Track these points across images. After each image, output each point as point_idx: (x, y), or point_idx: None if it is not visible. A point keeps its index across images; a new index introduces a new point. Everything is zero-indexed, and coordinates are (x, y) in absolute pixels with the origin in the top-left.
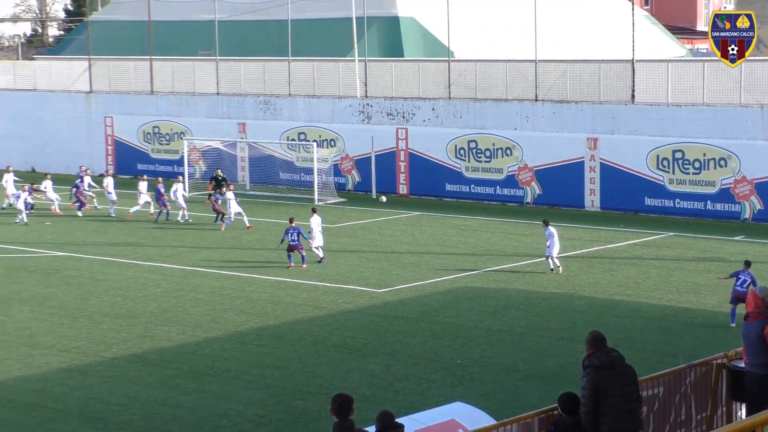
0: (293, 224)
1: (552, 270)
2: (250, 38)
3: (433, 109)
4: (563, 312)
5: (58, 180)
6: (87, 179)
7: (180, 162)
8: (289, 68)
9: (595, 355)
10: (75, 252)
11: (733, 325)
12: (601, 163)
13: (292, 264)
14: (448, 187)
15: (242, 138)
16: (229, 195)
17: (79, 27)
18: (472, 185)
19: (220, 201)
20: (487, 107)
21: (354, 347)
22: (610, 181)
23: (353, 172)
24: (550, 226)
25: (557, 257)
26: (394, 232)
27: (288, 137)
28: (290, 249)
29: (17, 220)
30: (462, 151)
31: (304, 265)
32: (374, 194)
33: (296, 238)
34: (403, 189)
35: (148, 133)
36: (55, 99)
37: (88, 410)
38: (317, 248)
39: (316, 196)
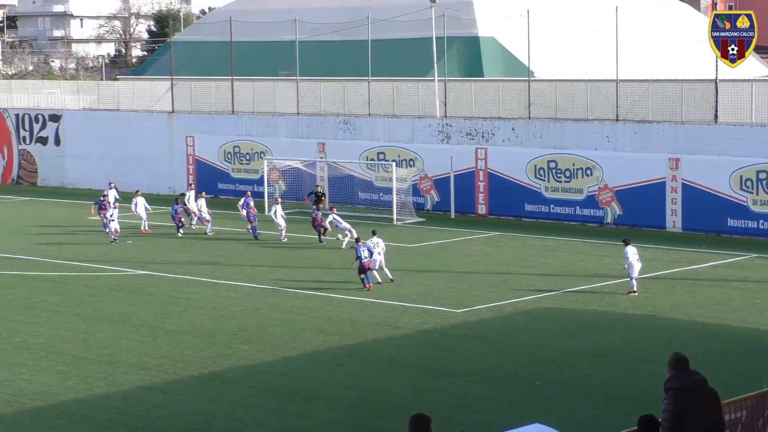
0: (360, 242)
1: (631, 292)
2: (331, 59)
3: (513, 128)
4: (643, 333)
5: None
6: (201, 201)
7: (260, 181)
8: (369, 88)
9: (677, 377)
10: (156, 271)
11: None
12: (682, 183)
13: (369, 285)
14: (528, 207)
15: (322, 158)
16: (333, 216)
17: (162, 48)
18: (552, 205)
19: (320, 216)
20: (568, 127)
21: (432, 367)
22: (692, 202)
23: (432, 191)
24: (626, 246)
25: (635, 278)
26: (473, 252)
27: (367, 157)
28: (362, 270)
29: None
30: (542, 171)
31: (369, 285)
32: (453, 214)
33: (369, 256)
34: (481, 209)
35: (229, 152)
36: (137, 119)
37: (168, 428)
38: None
39: (394, 216)
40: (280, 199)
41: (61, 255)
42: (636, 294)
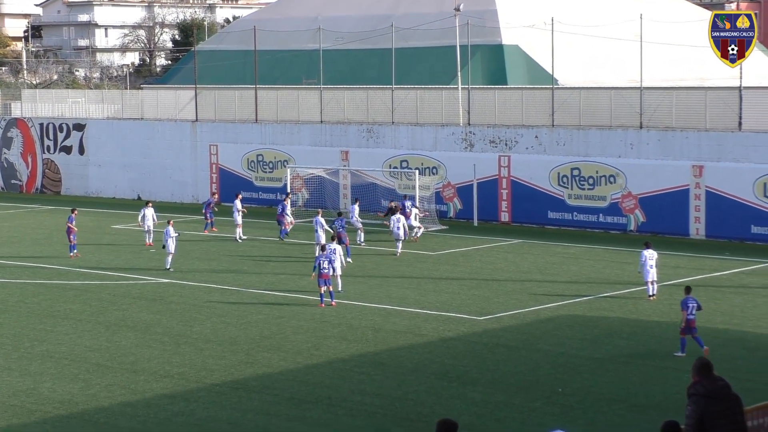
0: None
1: (650, 296)
2: (354, 67)
3: (536, 136)
4: (666, 341)
5: (163, 208)
6: (237, 202)
7: (283, 190)
8: (393, 96)
9: (701, 383)
10: (178, 279)
11: (683, 354)
12: (706, 190)
13: (333, 303)
14: (551, 214)
15: (345, 166)
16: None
17: (185, 57)
18: (575, 213)
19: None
20: (591, 135)
21: (455, 375)
22: (716, 209)
23: (455, 199)
24: (645, 249)
25: (651, 283)
26: (496, 260)
27: (390, 165)
28: (323, 283)
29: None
30: (565, 179)
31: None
32: (476, 222)
33: (328, 266)
34: (504, 216)
35: (252, 161)
36: (161, 128)
37: None
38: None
39: (417, 224)
40: (320, 210)
41: (84, 264)
42: (653, 299)
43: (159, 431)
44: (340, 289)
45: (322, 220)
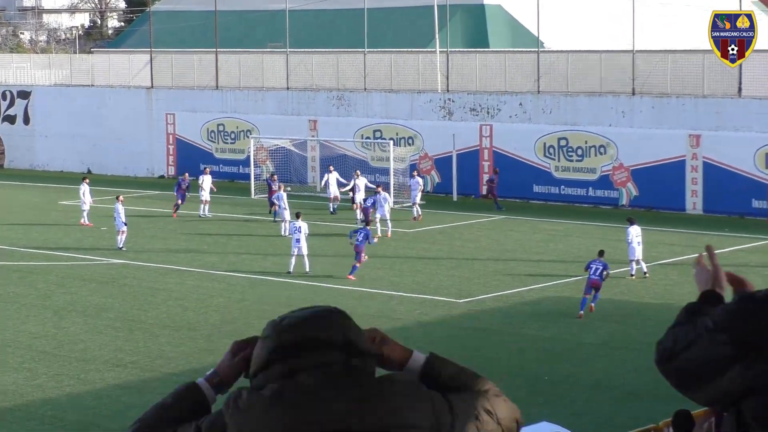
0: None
1: (633, 276)
2: (323, 29)
3: (521, 104)
4: (662, 324)
5: (115, 182)
6: (206, 178)
7: (246, 162)
8: (365, 61)
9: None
10: (133, 260)
11: (581, 312)
12: (703, 162)
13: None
14: (536, 188)
15: (313, 136)
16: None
17: (140, 18)
18: (562, 186)
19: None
20: (580, 102)
21: None
22: (714, 182)
23: (433, 172)
24: (629, 226)
25: (636, 262)
26: (477, 237)
27: (363, 135)
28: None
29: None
30: (551, 150)
31: (352, 276)
32: (455, 196)
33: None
34: (486, 191)
35: (213, 131)
36: (113, 95)
37: None
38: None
39: (391, 199)
40: (283, 185)
41: (29, 242)
42: (633, 278)
43: (111, 425)
44: (307, 269)
45: (284, 196)
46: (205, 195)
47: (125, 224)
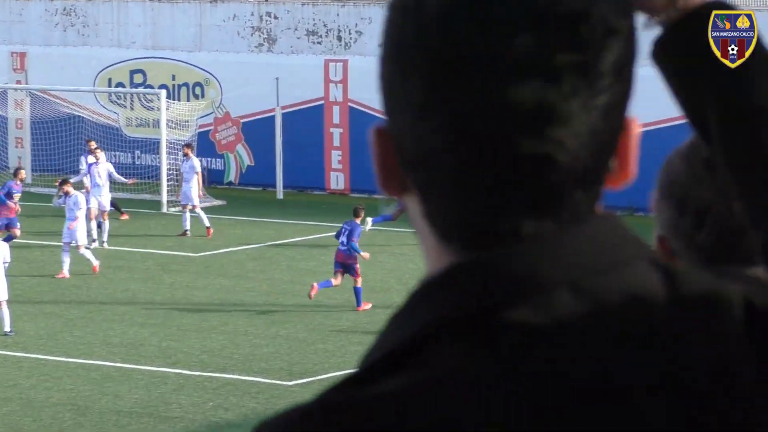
0: None
1: None
2: None
3: None
4: None
5: None
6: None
7: None
8: None
9: None
10: None
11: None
12: None
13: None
14: None
15: (19, 82)
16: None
17: None
18: None
19: None
20: None
21: None
22: None
23: (239, 146)
24: None
25: None
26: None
27: (110, 79)
28: None
29: None
30: None
31: None
32: (280, 192)
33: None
34: (337, 181)
35: None
36: None
37: None
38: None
39: (164, 196)
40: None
41: None
42: None
43: None
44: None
45: None
46: None
47: None
